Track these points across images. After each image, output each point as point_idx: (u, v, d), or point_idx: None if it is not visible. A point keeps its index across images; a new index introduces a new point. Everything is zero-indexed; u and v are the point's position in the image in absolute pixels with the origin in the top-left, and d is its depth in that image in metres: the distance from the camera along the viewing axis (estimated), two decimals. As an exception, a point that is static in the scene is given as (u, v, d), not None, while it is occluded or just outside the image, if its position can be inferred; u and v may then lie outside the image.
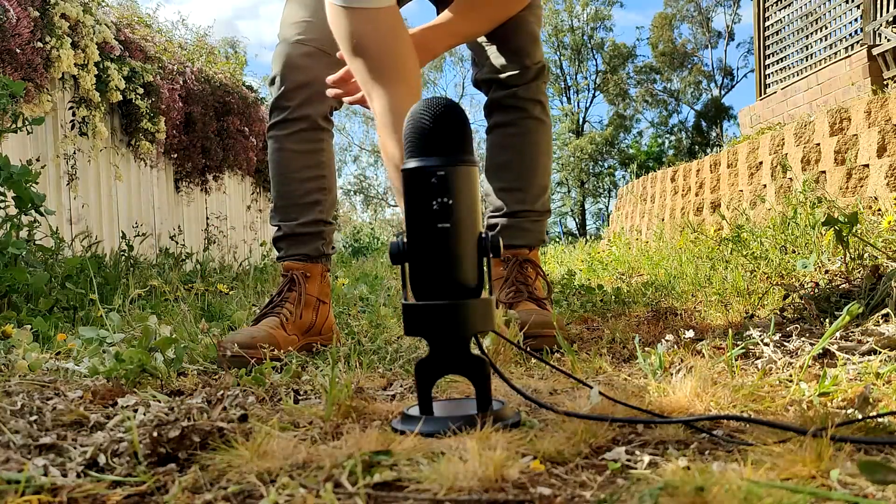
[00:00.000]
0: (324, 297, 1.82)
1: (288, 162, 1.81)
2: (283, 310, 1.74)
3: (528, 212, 1.85)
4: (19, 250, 2.42)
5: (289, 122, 1.78)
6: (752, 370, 1.24)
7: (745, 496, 0.63)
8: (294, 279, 1.79)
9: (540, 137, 1.86)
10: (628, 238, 6.97)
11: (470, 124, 0.99)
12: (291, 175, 1.81)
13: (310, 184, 1.82)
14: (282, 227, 1.83)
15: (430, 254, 0.95)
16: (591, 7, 33.15)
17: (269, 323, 1.70)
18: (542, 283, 1.83)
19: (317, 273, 1.82)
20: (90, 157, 4.76)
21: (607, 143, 32.54)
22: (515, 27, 1.78)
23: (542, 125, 1.87)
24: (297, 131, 1.79)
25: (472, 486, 0.71)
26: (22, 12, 3.76)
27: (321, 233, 1.83)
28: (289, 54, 1.76)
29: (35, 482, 0.73)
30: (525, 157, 1.85)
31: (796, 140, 4.75)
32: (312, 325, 1.79)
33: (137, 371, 1.36)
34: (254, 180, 7.97)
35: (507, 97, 1.83)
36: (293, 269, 1.80)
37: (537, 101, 1.85)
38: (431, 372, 0.95)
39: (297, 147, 1.80)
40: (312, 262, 1.81)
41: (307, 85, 1.76)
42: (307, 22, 1.76)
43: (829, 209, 3.04)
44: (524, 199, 1.84)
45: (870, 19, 6.19)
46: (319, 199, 1.83)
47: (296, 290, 1.77)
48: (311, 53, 1.74)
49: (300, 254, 1.81)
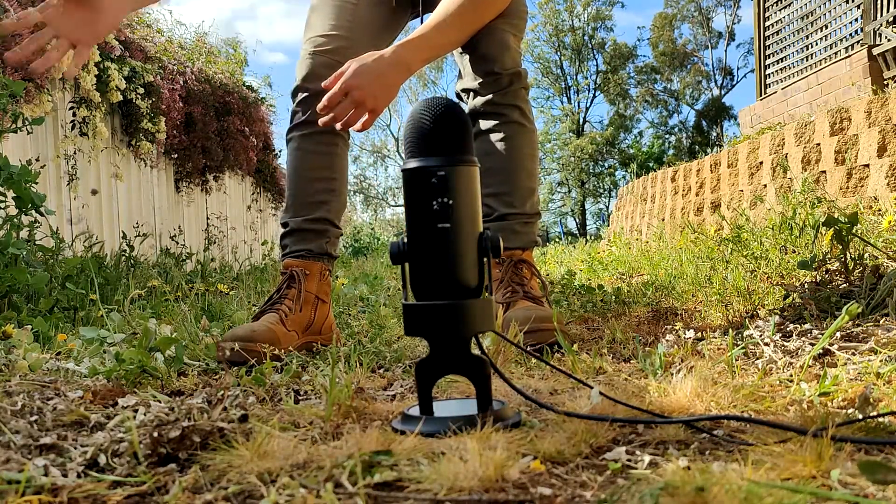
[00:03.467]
0: (323, 295, 1.83)
1: (301, 161, 1.87)
2: (282, 306, 1.76)
3: (518, 214, 1.87)
4: (19, 250, 2.42)
5: (307, 124, 1.84)
6: (752, 370, 1.24)
7: (746, 496, 0.63)
8: (293, 276, 1.81)
9: (522, 141, 1.88)
10: (628, 238, 6.97)
11: (470, 124, 1.00)
12: (303, 174, 1.86)
13: (319, 184, 1.86)
14: (289, 224, 1.87)
15: (431, 254, 0.95)
16: (592, 7, 33.17)
17: (268, 319, 1.71)
18: (538, 283, 1.84)
19: (316, 271, 1.83)
20: (90, 158, 4.76)
21: (608, 143, 32.54)
22: (484, 35, 1.80)
23: (524, 129, 1.89)
24: (313, 133, 1.84)
25: (472, 486, 0.70)
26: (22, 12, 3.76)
27: (325, 231, 1.86)
28: (311, 64, 1.83)
29: (35, 482, 0.73)
30: (508, 161, 1.87)
31: (796, 140, 4.75)
32: (311, 323, 1.80)
33: (138, 371, 1.36)
34: (254, 180, 7.97)
35: (485, 104, 1.87)
36: (293, 266, 1.82)
37: (515, 107, 1.87)
38: (432, 372, 0.95)
39: (312, 148, 1.86)
40: (313, 260, 1.83)
41: (320, 92, 1.81)
42: (330, 35, 1.84)
43: (829, 209, 3.04)
44: (512, 202, 1.86)
45: (870, 19, 6.19)
46: (327, 199, 1.86)
47: (295, 287, 1.79)
48: (331, 65, 1.79)
49: (302, 250, 1.83)
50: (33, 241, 2.77)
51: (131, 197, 5.41)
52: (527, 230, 1.88)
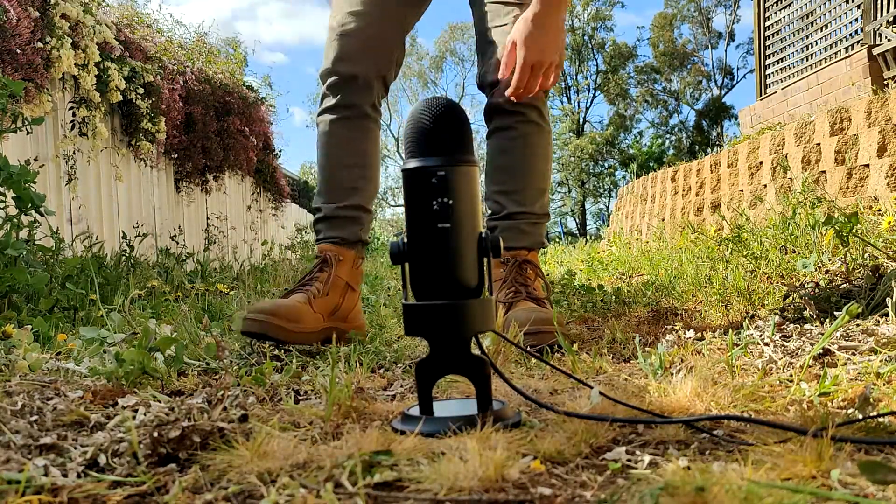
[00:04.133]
0: (353, 283, 1.84)
1: (335, 147, 1.87)
2: (311, 287, 1.76)
3: (526, 213, 1.86)
4: (19, 251, 2.42)
5: (338, 107, 1.85)
6: (752, 370, 1.24)
7: (746, 496, 0.63)
8: (327, 260, 1.81)
9: (537, 141, 1.88)
10: (628, 238, 6.97)
11: (470, 124, 1.00)
12: (336, 160, 1.87)
13: (353, 171, 1.87)
14: (322, 209, 1.87)
15: (431, 254, 0.95)
16: (592, 7, 33.17)
17: (296, 297, 1.73)
18: (542, 284, 1.84)
19: (349, 258, 1.84)
20: (90, 158, 4.76)
21: (608, 143, 32.55)
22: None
23: (540, 130, 1.88)
24: (344, 117, 1.85)
25: (472, 486, 0.70)
26: (22, 12, 3.76)
27: (359, 218, 1.87)
28: (340, 46, 1.83)
29: (35, 482, 0.73)
30: (522, 160, 1.86)
31: (796, 140, 4.75)
32: (338, 309, 1.80)
33: (138, 371, 1.36)
34: (254, 180, 7.97)
35: (506, 101, 1.85)
36: (327, 251, 1.83)
37: (534, 107, 1.86)
38: (432, 372, 0.95)
39: (344, 133, 1.87)
40: (347, 247, 1.84)
41: (356, 77, 1.84)
42: (355, 13, 1.83)
43: (829, 209, 3.04)
44: (522, 200, 1.85)
45: (870, 19, 6.19)
46: (361, 185, 1.87)
47: (326, 271, 1.80)
48: (360, 47, 1.80)
49: (337, 237, 1.84)
50: (33, 241, 2.77)
51: (131, 197, 5.41)
52: (534, 230, 1.87)
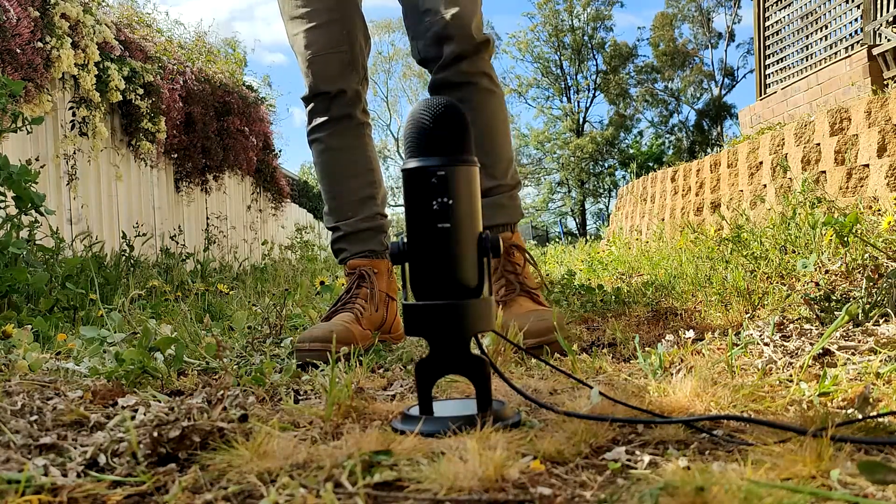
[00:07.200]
0: (392, 293, 1.83)
1: (335, 162, 1.85)
2: (355, 306, 1.74)
3: (501, 186, 1.80)
4: (19, 250, 2.42)
5: (332, 121, 1.84)
6: (752, 370, 1.24)
7: (745, 496, 0.63)
8: (363, 275, 1.79)
9: (496, 109, 1.81)
10: (628, 238, 6.97)
11: (470, 124, 0.99)
12: (340, 174, 1.85)
13: (360, 179, 1.85)
14: (340, 227, 1.85)
15: (431, 254, 0.95)
16: (592, 7, 33.16)
17: (343, 318, 1.69)
18: (532, 270, 1.80)
19: (384, 269, 1.83)
20: (90, 158, 4.76)
21: (608, 143, 32.54)
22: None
23: (494, 95, 1.81)
24: (338, 129, 1.84)
25: (472, 486, 0.70)
26: (22, 12, 3.76)
27: (381, 226, 1.86)
28: (314, 72, 1.82)
29: (35, 482, 0.73)
30: (486, 132, 1.78)
31: (796, 140, 4.75)
32: (384, 322, 1.79)
33: (138, 371, 1.36)
34: (254, 180, 7.97)
35: (454, 74, 1.76)
36: (360, 265, 1.81)
37: (483, 73, 1.79)
38: (432, 372, 0.95)
39: (341, 143, 1.85)
40: (379, 258, 1.83)
41: (340, 92, 1.83)
42: (311, 29, 1.81)
43: (829, 209, 3.04)
44: (494, 174, 1.78)
45: (870, 19, 6.19)
46: (372, 193, 1.86)
47: (366, 286, 1.78)
48: (329, 60, 1.79)
49: (365, 250, 1.82)
50: (33, 240, 2.77)
51: (131, 197, 5.41)
52: (512, 203, 1.82)
